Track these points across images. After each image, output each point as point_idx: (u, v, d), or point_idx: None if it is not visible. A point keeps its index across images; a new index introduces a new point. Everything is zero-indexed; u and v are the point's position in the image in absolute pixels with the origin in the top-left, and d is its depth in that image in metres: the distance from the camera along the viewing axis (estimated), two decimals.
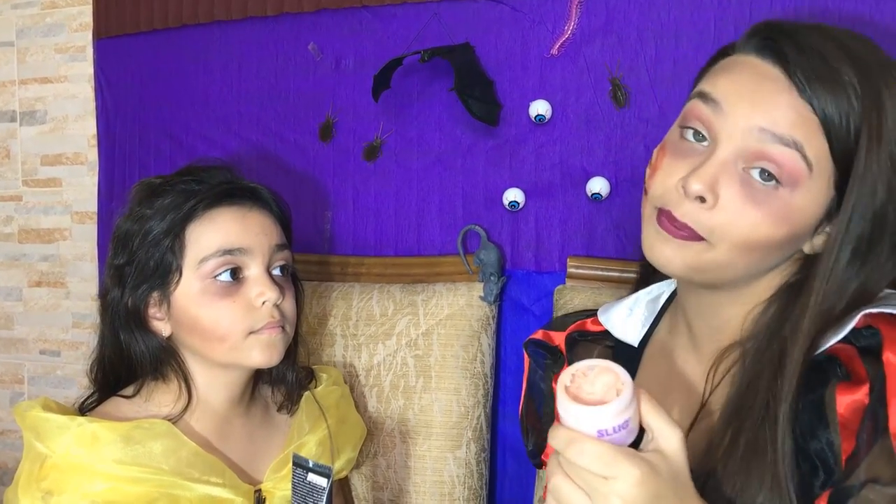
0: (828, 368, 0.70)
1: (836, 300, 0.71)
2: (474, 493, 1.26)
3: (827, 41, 0.72)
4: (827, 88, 0.69)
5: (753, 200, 0.70)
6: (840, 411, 0.67)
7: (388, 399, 1.28)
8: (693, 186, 0.71)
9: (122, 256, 1.00)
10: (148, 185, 1.03)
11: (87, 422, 0.93)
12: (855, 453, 0.65)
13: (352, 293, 1.36)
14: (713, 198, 0.71)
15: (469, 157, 1.36)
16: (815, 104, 0.70)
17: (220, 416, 1.04)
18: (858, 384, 0.67)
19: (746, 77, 0.73)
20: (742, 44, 0.77)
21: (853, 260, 0.71)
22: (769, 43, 0.74)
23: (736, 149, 0.71)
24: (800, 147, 0.69)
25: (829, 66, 0.70)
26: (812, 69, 0.70)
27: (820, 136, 0.70)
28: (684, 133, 0.76)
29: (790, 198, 0.70)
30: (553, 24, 1.29)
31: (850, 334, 0.70)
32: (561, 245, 1.30)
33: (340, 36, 1.44)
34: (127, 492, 0.91)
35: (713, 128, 0.73)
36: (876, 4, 1.12)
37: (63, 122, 1.73)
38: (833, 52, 0.70)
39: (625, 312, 0.92)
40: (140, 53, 1.60)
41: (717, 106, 0.73)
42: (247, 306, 0.99)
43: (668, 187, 0.74)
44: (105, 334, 1.03)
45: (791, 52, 0.71)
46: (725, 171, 0.71)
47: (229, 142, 1.54)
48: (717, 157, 0.72)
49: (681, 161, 0.75)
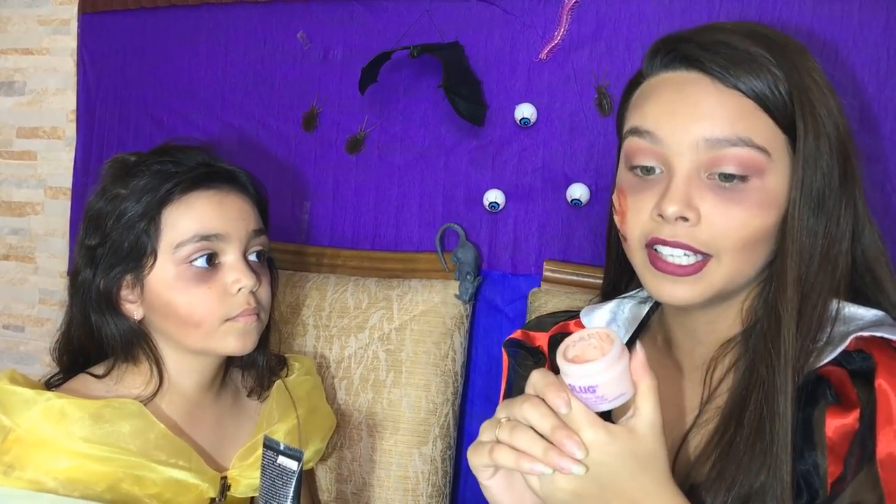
0: (817, 389, 0.70)
1: (808, 257, 0.72)
2: (438, 490, 1.26)
3: (726, 32, 0.74)
4: (745, 69, 0.71)
5: (732, 201, 0.71)
6: (829, 434, 0.67)
7: (357, 392, 1.28)
8: (669, 210, 0.71)
9: (94, 237, 0.98)
10: (122, 163, 1.01)
11: (55, 397, 0.92)
12: (842, 478, 0.65)
13: (326, 284, 1.35)
14: (694, 214, 0.71)
15: (452, 155, 1.36)
16: (742, 87, 0.71)
17: (190, 400, 1.03)
18: (848, 409, 0.67)
19: (668, 94, 0.74)
20: (647, 67, 0.78)
21: (813, 214, 0.72)
22: (673, 54, 0.75)
23: (691, 163, 0.72)
24: (748, 141, 0.70)
25: (738, 49, 0.72)
26: (724, 57, 0.72)
27: (761, 115, 0.71)
28: (634, 171, 0.76)
29: (762, 184, 0.71)
30: (543, 29, 1.29)
31: (840, 356, 0.70)
32: (538, 248, 1.31)
33: (330, 26, 1.43)
34: (91, 470, 0.90)
35: (660, 156, 0.74)
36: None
37: (42, 95, 1.70)
38: (736, 39, 0.73)
39: (608, 315, 0.92)
40: (126, 30, 1.59)
41: (652, 136, 0.74)
42: (222, 293, 0.98)
43: (644, 220, 0.75)
44: (74, 315, 1.01)
45: (697, 52, 0.73)
46: (692, 185, 0.72)
47: (211, 125, 1.52)
48: (679, 176, 0.72)
49: (644, 194, 0.75)
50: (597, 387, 0.63)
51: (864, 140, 1.12)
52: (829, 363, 0.70)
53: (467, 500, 1.37)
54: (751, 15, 1.17)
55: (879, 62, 1.13)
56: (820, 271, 0.72)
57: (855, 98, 1.12)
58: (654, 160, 0.74)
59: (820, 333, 0.72)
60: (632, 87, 0.81)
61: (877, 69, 1.13)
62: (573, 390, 0.64)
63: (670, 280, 0.74)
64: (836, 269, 0.73)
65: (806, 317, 0.71)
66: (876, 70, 1.13)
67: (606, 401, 0.64)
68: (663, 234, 0.73)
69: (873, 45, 1.13)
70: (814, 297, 0.72)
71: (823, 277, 0.72)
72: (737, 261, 0.72)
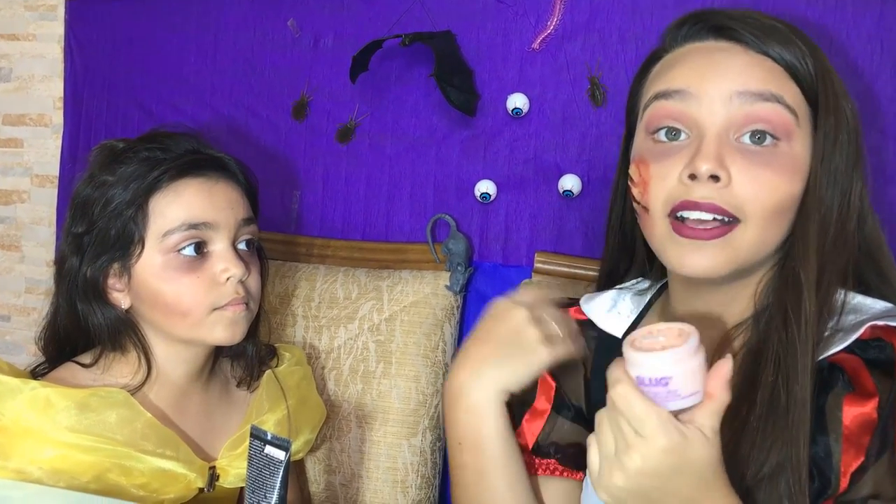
0: (830, 376, 0.69)
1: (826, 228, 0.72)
2: (427, 482, 1.26)
3: (750, 12, 0.76)
4: (776, 39, 0.73)
5: (762, 164, 0.70)
6: (846, 423, 0.66)
7: (346, 383, 1.27)
8: (702, 167, 0.69)
9: (81, 224, 0.97)
10: (110, 149, 1.00)
11: (40, 386, 0.91)
12: (863, 468, 0.65)
13: (316, 275, 1.34)
14: (725, 174, 0.70)
15: (443, 145, 1.35)
16: (773, 54, 0.72)
17: (178, 389, 1.02)
18: (866, 397, 0.66)
19: (698, 58, 0.74)
20: (672, 40, 0.78)
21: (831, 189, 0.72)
22: (702, 24, 0.75)
23: (723, 120, 0.71)
24: (780, 98, 0.71)
25: (766, 23, 0.73)
26: (754, 26, 0.73)
27: (790, 82, 0.72)
28: (657, 136, 0.75)
29: (790, 149, 0.71)
30: (536, 19, 1.29)
31: (854, 345, 0.69)
32: (529, 239, 1.31)
33: (321, 14, 1.42)
34: (77, 460, 0.90)
35: (688, 116, 0.72)
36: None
37: (29, 82, 1.68)
38: (762, 17, 0.75)
39: (608, 304, 0.91)
40: (114, 17, 1.57)
41: (683, 94, 0.73)
42: (211, 282, 0.97)
43: (671, 186, 0.73)
44: (60, 304, 1.00)
45: (728, 21, 0.74)
46: (724, 145, 0.71)
47: (200, 113, 1.51)
48: (710, 135, 0.71)
49: (670, 160, 0.73)
50: (670, 379, 0.59)
51: None
52: (842, 351, 0.70)
53: None
54: (746, 5, 1.16)
55: (873, 55, 1.13)
56: (834, 247, 0.72)
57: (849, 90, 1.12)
58: (681, 123, 0.73)
59: (830, 319, 0.71)
60: (651, 62, 0.80)
61: (870, 62, 1.13)
62: (642, 383, 0.60)
63: (696, 247, 0.71)
64: (845, 249, 0.73)
65: (822, 291, 0.71)
66: (870, 63, 1.13)
67: (680, 397, 0.60)
68: (694, 195, 0.70)
69: (867, 37, 1.13)
70: (829, 271, 0.72)
71: (837, 255, 0.73)
72: (763, 228, 0.71)
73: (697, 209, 0.71)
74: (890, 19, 1.12)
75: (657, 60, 0.79)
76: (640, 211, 0.78)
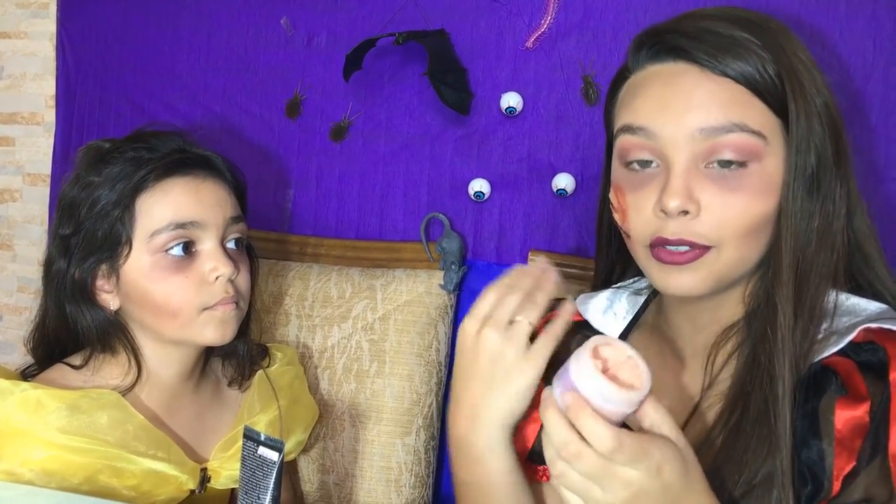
0: (823, 379, 0.70)
1: (805, 240, 0.71)
2: (420, 481, 1.26)
3: (708, 19, 0.74)
4: (732, 54, 0.71)
5: (731, 189, 0.71)
6: (838, 426, 0.67)
7: (339, 382, 1.27)
8: (671, 204, 0.71)
9: (68, 226, 0.97)
10: (96, 150, 0.99)
11: (31, 387, 0.91)
12: (854, 472, 0.65)
13: (309, 274, 1.34)
14: (695, 206, 0.71)
15: (437, 144, 1.35)
16: (732, 73, 0.71)
17: (169, 390, 1.02)
18: (858, 401, 0.67)
19: (657, 87, 0.73)
20: (633, 61, 0.78)
21: (808, 196, 0.72)
22: (659, 46, 0.74)
23: (688, 155, 0.71)
24: (743, 126, 0.70)
25: (723, 35, 0.72)
26: (711, 46, 0.71)
27: (753, 100, 0.71)
28: (630, 167, 0.76)
29: (762, 170, 0.71)
30: (530, 17, 1.28)
31: (847, 347, 0.70)
32: (523, 238, 1.30)
33: (314, 12, 1.42)
34: (68, 461, 0.89)
35: (655, 150, 0.73)
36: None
37: (20, 80, 1.67)
38: (719, 25, 0.73)
39: (604, 304, 0.91)
40: (106, 14, 1.56)
41: (646, 131, 0.73)
42: (200, 281, 0.96)
43: (647, 218, 0.74)
44: (49, 306, 1.00)
45: (683, 41, 0.72)
46: (691, 177, 0.71)
47: (193, 112, 1.50)
48: (677, 169, 0.71)
49: (643, 191, 0.74)
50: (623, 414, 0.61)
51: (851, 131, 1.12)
52: (835, 354, 0.70)
53: (450, 490, 1.36)
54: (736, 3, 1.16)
55: (865, 54, 1.13)
56: (818, 254, 0.72)
57: (841, 89, 1.12)
58: (650, 154, 0.74)
59: (821, 322, 0.71)
60: (618, 82, 0.80)
61: (863, 61, 1.13)
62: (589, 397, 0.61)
63: (675, 270, 0.73)
64: (833, 251, 0.73)
65: (805, 301, 0.71)
66: (862, 62, 1.13)
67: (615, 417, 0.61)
68: (666, 232, 0.72)
69: (859, 36, 1.13)
70: (812, 280, 0.71)
71: (821, 260, 0.72)
72: (739, 249, 0.72)
73: (670, 244, 0.73)
74: (882, 18, 1.12)
75: (623, 81, 0.79)
76: (624, 234, 0.79)
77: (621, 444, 0.58)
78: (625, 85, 0.78)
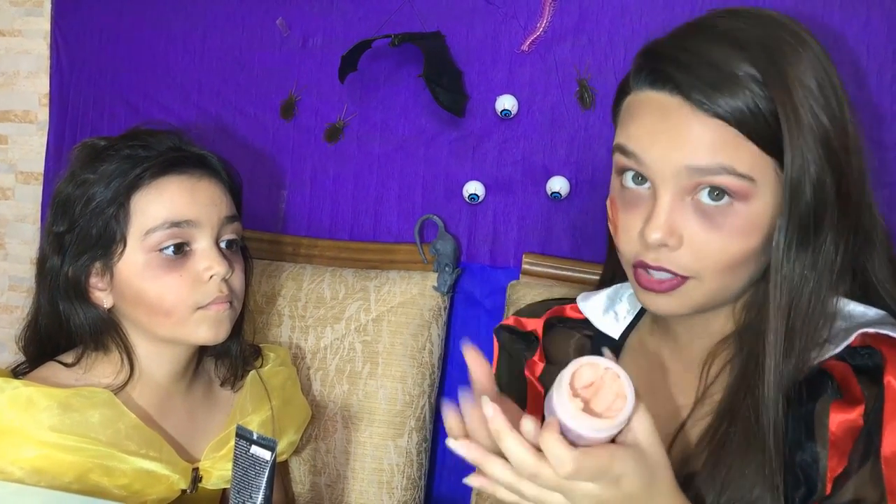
0: (819, 383, 0.70)
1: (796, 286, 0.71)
2: (412, 483, 1.26)
3: (709, 43, 0.71)
4: (727, 93, 0.68)
5: (714, 225, 0.70)
6: (832, 429, 0.67)
7: (332, 383, 1.27)
8: (652, 237, 0.71)
9: (62, 223, 0.96)
10: (91, 148, 0.99)
11: (22, 385, 0.90)
12: (845, 474, 0.65)
13: (303, 274, 1.34)
14: (676, 240, 0.71)
15: (432, 146, 1.35)
16: (723, 112, 0.68)
17: (162, 390, 1.02)
18: (852, 404, 0.67)
19: (650, 118, 0.73)
20: (635, 80, 0.77)
21: (802, 243, 0.70)
22: (656, 73, 0.73)
23: (674, 189, 0.71)
24: (730, 170, 0.69)
25: (720, 69, 0.69)
26: (705, 82, 0.69)
27: (743, 143, 0.69)
28: (624, 180, 0.76)
29: (747, 209, 0.70)
30: (525, 20, 1.29)
31: (844, 352, 0.70)
32: (517, 241, 1.31)
33: (310, 13, 1.42)
34: (59, 460, 0.89)
35: (645, 173, 0.73)
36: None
37: (14, 78, 1.66)
38: (719, 53, 0.69)
39: (605, 303, 0.91)
40: (101, 13, 1.55)
41: (637, 159, 0.73)
42: (194, 280, 0.96)
43: (633, 241, 0.75)
44: (41, 303, 0.99)
45: (678, 75, 0.70)
46: (675, 210, 0.71)
47: (187, 112, 1.50)
48: (662, 202, 0.71)
49: (633, 212, 0.75)
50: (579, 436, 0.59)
51: None
52: (832, 357, 0.70)
53: (442, 493, 1.36)
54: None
55: (859, 61, 1.14)
56: (815, 293, 0.71)
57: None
58: (642, 173, 0.74)
59: (818, 334, 0.71)
60: (622, 92, 0.79)
61: (856, 68, 1.14)
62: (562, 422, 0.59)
63: (652, 294, 0.75)
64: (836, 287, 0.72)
65: (797, 338, 0.71)
66: (855, 69, 1.14)
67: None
68: (647, 258, 0.73)
69: (853, 42, 1.14)
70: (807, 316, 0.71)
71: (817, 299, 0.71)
72: (718, 280, 0.73)
73: (650, 269, 0.74)
74: (875, 24, 1.13)
75: (626, 94, 0.78)
76: (616, 248, 0.80)
77: (579, 467, 0.57)
78: (626, 100, 0.77)
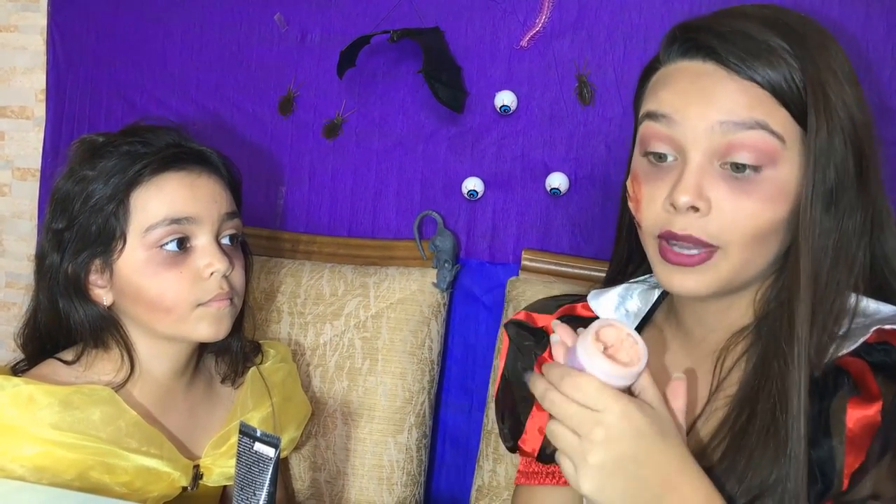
0: (836, 379, 0.70)
1: (822, 254, 0.71)
2: (412, 479, 1.26)
3: (744, 20, 0.73)
4: (762, 61, 0.71)
5: (743, 192, 0.71)
6: (849, 426, 0.67)
7: (332, 380, 1.27)
8: (681, 199, 0.71)
9: (61, 220, 0.96)
10: (90, 144, 0.98)
11: (23, 383, 0.90)
12: (862, 469, 0.65)
13: (302, 271, 1.34)
14: (705, 204, 0.71)
15: (431, 142, 1.35)
16: (759, 78, 0.71)
17: (162, 387, 1.01)
18: (870, 401, 0.67)
19: (685, 82, 0.74)
20: (665, 54, 0.78)
21: (826, 212, 0.71)
22: (690, 43, 0.74)
23: (706, 150, 0.72)
24: (764, 125, 0.70)
25: (756, 39, 0.71)
26: (741, 49, 0.71)
27: (777, 106, 0.71)
28: (648, 158, 0.76)
29: (776, 175, 0.71)
30: (525, 16, 1.28)
31: (861, 348, 0.70)
32: (516, 237, 1.31)
33: (308, 9, 1.41)
34: (60, 457, 0.88)
35: (674, 141, 0.73)
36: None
37: (10, 74, 1.66)
38: (754, 27, 0.72)
39: (616, 300, 0.91)
40: (98, 8, 1.55)
41: (669, 119, 0.73)
42: (194, 277, 0.96)
43: (657, 211, 0.75)
44: (41, 301, 0.99)
45: (714, 42, 0.72)
46: (705, 174, 0.72)
47: (185, 108, 1.50)
48: (692, 164, 0.72)
49: (657, 183, 0.75)
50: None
51: None
52: (848, 354, 0.70)
53: (441, 489, 1.36)
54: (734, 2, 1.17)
55: (858, 56, 1.14)
56: (835, 268, 0.72)
57: None
58: (668, 146, 0.74)
59: (837, 326, 0.71)
60: (648, 72, 0.80)
61: (855, 65, 1.13)
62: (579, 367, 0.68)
63: (680, 271, 0.74)
64: (852, 265, 0.73)
65: (821, 313, 0.71)
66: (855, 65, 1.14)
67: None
68: (675, 227, 0.73)
69: (852, 38, 1.14)
70: (830, 293, 0.72)
71: (839, 274, 0.72)
72: (745, 252, 0.72)
73: (677, 240, 0.73)
74: (875, 21, 1.13)
75: (654, 71, 0.79)
76: (636, 224, 0.80)
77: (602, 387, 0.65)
78: (655, 75, 0.78)
